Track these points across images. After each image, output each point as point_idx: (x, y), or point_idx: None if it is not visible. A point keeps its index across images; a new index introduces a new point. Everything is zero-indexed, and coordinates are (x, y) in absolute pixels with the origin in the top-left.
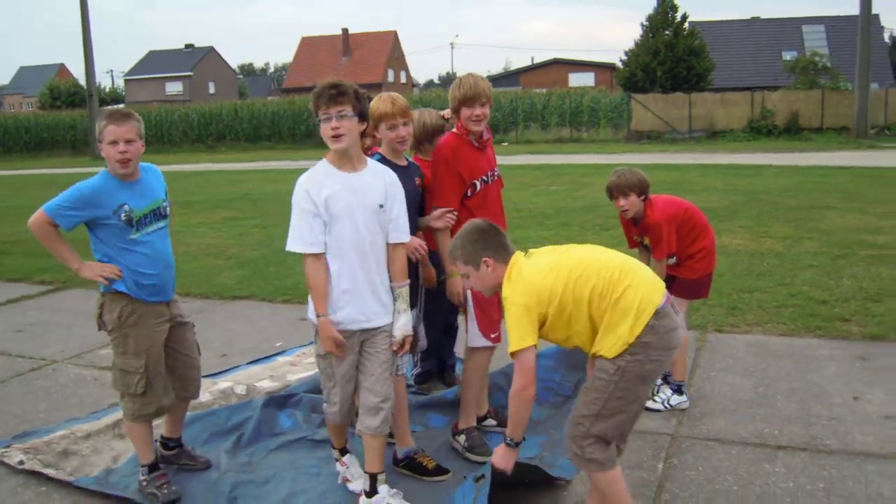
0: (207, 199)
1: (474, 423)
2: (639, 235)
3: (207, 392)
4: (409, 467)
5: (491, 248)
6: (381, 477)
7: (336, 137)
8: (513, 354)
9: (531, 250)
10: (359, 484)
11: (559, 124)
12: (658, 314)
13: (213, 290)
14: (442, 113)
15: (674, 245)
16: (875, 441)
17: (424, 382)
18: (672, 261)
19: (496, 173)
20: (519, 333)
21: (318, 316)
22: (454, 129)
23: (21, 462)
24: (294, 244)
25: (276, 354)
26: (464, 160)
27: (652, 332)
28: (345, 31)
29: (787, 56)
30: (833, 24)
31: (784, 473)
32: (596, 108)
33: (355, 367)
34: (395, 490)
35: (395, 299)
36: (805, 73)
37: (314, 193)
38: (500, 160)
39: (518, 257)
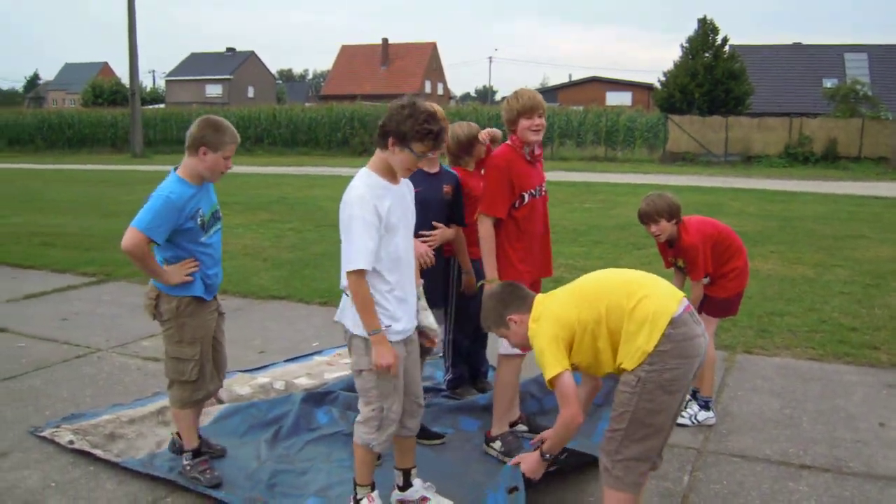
0: (245, 201)
1: (507, 429)
2: (674, 257)
3: (247, 385)
4: None
5: (511, 305)
6: (413, 471)
7: (410, 171)
8: (550, 383)
9: (550, 291)
10: None
11: (594, 142)
12: (674, 323)
13: (250, 290)
14: (483, 134)
15: (710, 265)
16: None
17: (457, 388)
18: (707, 280)
19: (544, 189)
20: (550, 361)
21: (373, 333)
22: (508, 142)
23: (71, 442)
24: (356, 262)
25: (312, 354)
26: (516, 171)
27: (669, 340)
28: (384, 40)
29: (828, 83)
30: (876, 53)
31: (807, 492)
32: (632, 128)
33: None
34: (428, 483)
35: (418, 298)
36: (845, 101)
37: (379, 207)
38: None
39: (539, 299)
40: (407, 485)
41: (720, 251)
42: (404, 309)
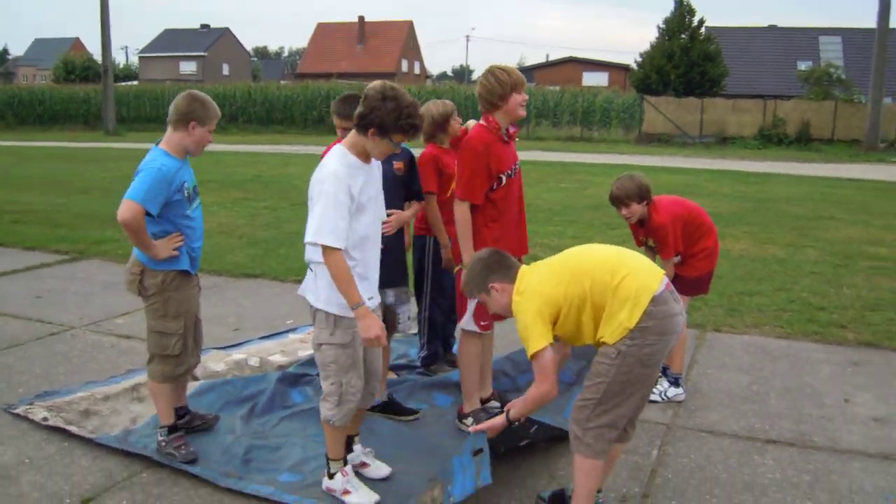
0: (219, 179)
1: (479, 406)
2: (644, 237)
3: (222, 362)
4: (383, 411)
5: (495, 272)
6: (356, 438)
7: (385, 155)
8: (532, 357)
9: (534, 263)
10: (360, 496)
11: (571, 122)
12: (656, 300)
13: (225, 268)
14: (463, 127)
15: (680, 245)
16: (861, 440)
17: (432, 364)
18: (677, 259)
19: (518, 167)
20: (533, 336)
21: (356, 307)
22: (482, 122)
23: (45, 419)
24: (327, 237)
25: (287, 331)
26: (494, 154)
27: (650, 317)
28: (361, 18)
29: (803, 66)
30: (850, 37)
31: (772, 465)
32: (608, 109)
33: None
34: (368, 449)
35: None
36: (819, 83)
37: (352, 187)
38: None
39: (523, 271)
40: (348, 450)
41: (690, 231)
42: (365, 286)
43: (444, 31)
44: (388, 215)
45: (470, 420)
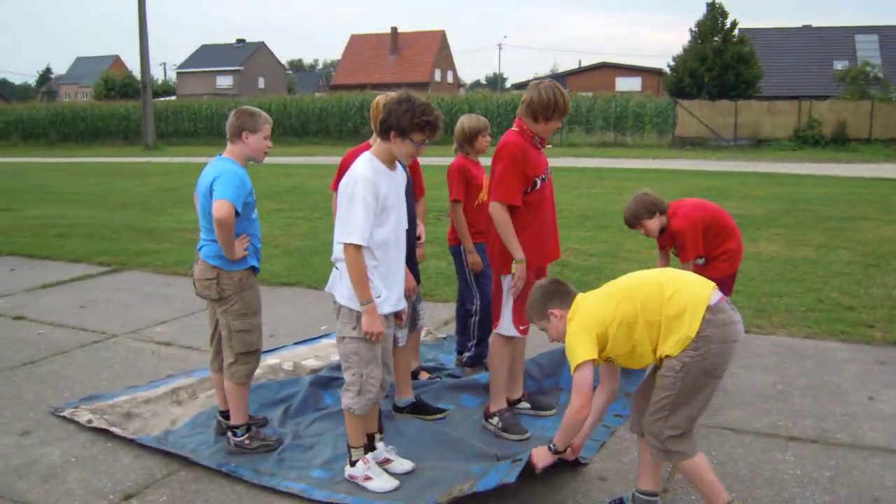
0: (256, 190)
1: (505, 406)
2: (666, 245)
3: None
4: (413, 412)
5: (553, 299)
6: (377, 436)
7: (412, 158)
8: (574, 371)
9: (588, 292)
10: (381, 482)
11: (604, 128)
12: (712, 309)
13: (261, 277)
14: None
15: (700, 248)
16: (883, 437)
17: (474, 365)
18: (700, 261)
19: (549, 172)
20: (578, 350)
21: (365, 303)
22: (515, 128)
23: (89, 421)
24: (354, 236)
25: (320, 336)
26: (529, 158)
27: (710, 325)
28: (393, 29)
29: (839, 65)
30: (887, 35)
31: (793, 461)
32: (641, 113)
33: None
34: (391, 446)
35: None
36: (855, 83)
37: (378, 190)
38: None
39: (578, 298)
40: (371, 448)
41: (713, 234)
42: (388, 285)
43: (477, 40)
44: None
45: (496, 419)
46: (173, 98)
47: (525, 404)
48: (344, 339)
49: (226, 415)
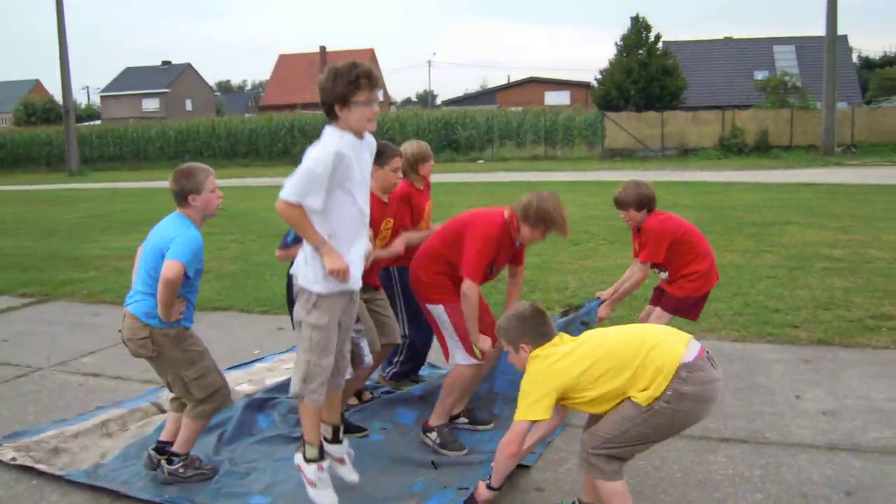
0: None
1: (446, 422)
2: (638, 242)
3: None
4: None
5: (529, 335)
6: (341, 429)
7: (372, 121)
8: (516, 419)
9: (567, 339)
10: (322, 496)
11: (534, 142)
12: (691, 367)
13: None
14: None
15: (660, 257)
16: (810, 434)
17: (398, 380)
18: (664, 275)
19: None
20: (528, 406)
21: (320, 245)
22: (506, 215)
23: (13, 459)
24: (294, 194)
25: (254, 361)
26: (503, 249)
27: (687, 383)
28: (322, 48)
29: (759, 76)
30: (803, 45)
31: (725, 462)
32: (570, 127)
33: None
34: (351, 450)
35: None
36: (775, 92)
37: (343, 157)
38: (476, 177)
39: (553, 341)
40: (335, 440)
41: (682, 250)
42: (348, 258)
43: (406, 58)
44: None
45: (434, 434)
46: (97, 122)
47: (463, 419)
48: (300, 324)
49: (162, 447)
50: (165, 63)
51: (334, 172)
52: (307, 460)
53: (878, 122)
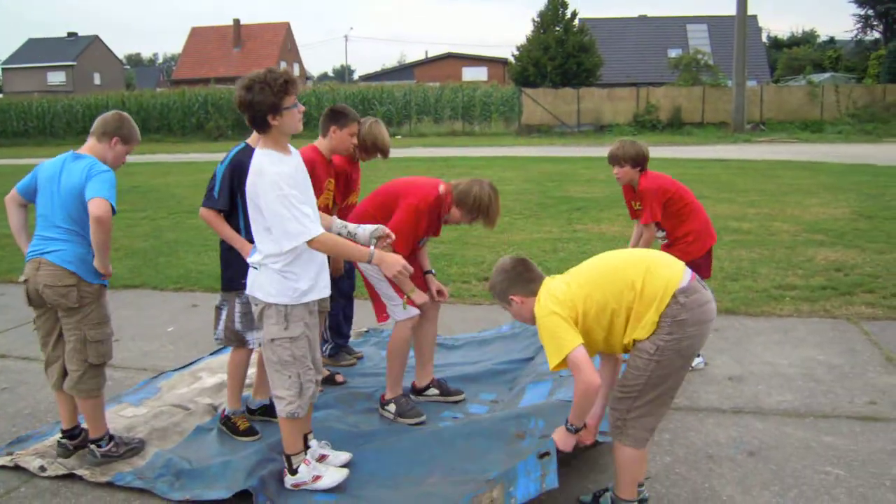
0: None
1: (401, 392)
2: (634, 201)
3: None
4: (264, 414)
5: (516, 286)
6: (309, 435)
7: (300, 121)
8: (563, 362)
9: (557, 275)
10: (331, 476)
11: (452, 117)
12: (685, 291)
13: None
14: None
15: (658, 215)
16: (717, 399)
17: (336, 355)
18: (661, 234)
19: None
20: (560, 339)
21: (370, 257)
22: (441, 191)
23: (42, 468)
24: (313, 230)
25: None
26: (430, 222)
27: (685, 309)
28: (236, 21)
29: (672, 53)
30: (715, 24)
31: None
32: (488, 102)
33: None
34: (324, 441)
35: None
36: (688, 70)
37: (294, 176)
38: (393, 153)
39: (545, 282)
40: (305, 447)
41: (676, 209)
42: (314, 272)
43: (323, 32)
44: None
45: (392, 406)
46: (0, 96)
47: (433, 391)
48: (273, 342)
49: (71, 433)
50: (71, 35)
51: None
52: (294, 471)
53: (785, 100)
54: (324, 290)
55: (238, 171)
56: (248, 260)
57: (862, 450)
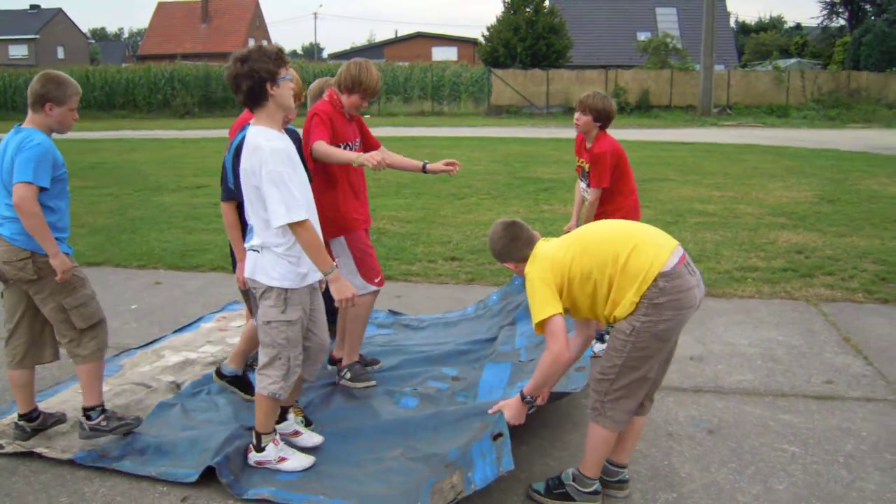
0: None
1: (357, 359)
2: (584, 160)
3: (149, 365)
4: (232, 383)
5: (509, 250)
6: (290, 409)
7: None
8: (540, 325)
9: (550, 238)
10: (297, 460)
11: (421, 97)
12: (668, 275)
13: None
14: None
15: (607, 181)
16: (677, 378)
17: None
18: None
19: (359, 144)
20: (541, 304)
21: (328, 272)
22: (326, 98)
23: (0, 446)
24: (301, 211)
25: (196, 321)
26: (337, 127)
27: (662, 293)
28: None
29: (642, 36)
30: (684, 8)
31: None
32: (457, 83)
33: None
34: (300, 418)
35: None
36: (657, 53)
37: (289, 153)
38: None
39: (538, 245)
40: (282, 419)
41: (617, 177)
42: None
43: (292, 9)
44: None
45: (346, 371)
46: None
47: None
48: (270, 324)
49: (29, 416)
50: (34, 7)
51: (291, 166)
52: (261, 448)
53: (752, 84)
54: (315, 275)
55: None
56: (246, 244)
57: (818, 427)
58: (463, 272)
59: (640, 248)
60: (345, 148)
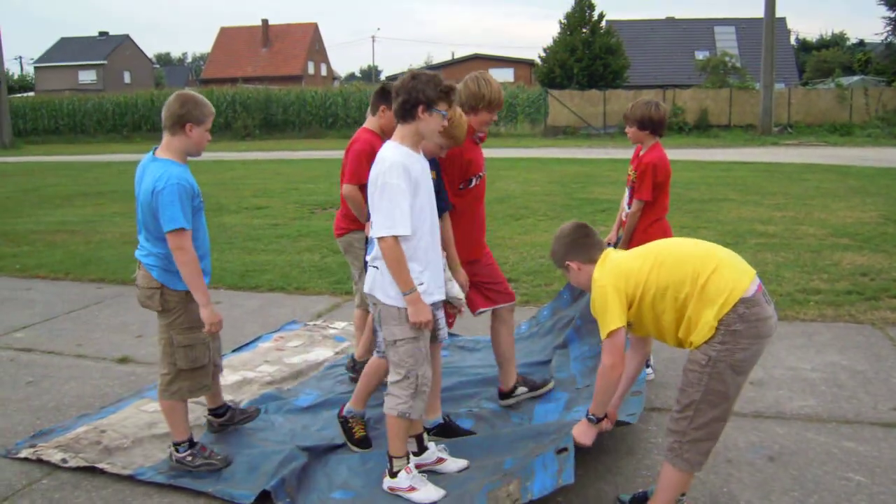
0: (123, 189)
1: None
2: (634, 171)
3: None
4: (440, 434)
5: (575, 250)
6: (424, 436)
7: (440, 135)
8: (606, 337)
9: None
10: (425, 493)
11: None
12: (747, 301)
13: (128, 277)
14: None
15: (649, 195)
16: (738, 403)
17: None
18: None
19: (484, 173)
20: (612, 314)
21: (408, 293)
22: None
23: (64, 461)
24: (399, 227)
25: (254, 341)
26: (469, 154)
27: (741, 320)
28: (264, 21)
29: (700, 56)
30: (743, 26)
31: (655, 431)
32: (514, 104)
33: None
34: (441, 444)
35: (444, 269)
36: (716, 72)
37: (412, 172)
38: None
39: (608, 250)
40: (422, 449)
41: (657, 195)
42: (429, 273)
43: (350, 33)
44: None
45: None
46: (31, 94)
47: (522, 389)
48: (396, 343)
49: (216, 412)
50: (102, 34)
51: (410, 184)
52: (394, 474)
53: (813, 103)
54: (440, 292)
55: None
56: (367, 258)
57: (884, 456)
58: (519, 293)
59: (720, 269)
60: (476, 180)
